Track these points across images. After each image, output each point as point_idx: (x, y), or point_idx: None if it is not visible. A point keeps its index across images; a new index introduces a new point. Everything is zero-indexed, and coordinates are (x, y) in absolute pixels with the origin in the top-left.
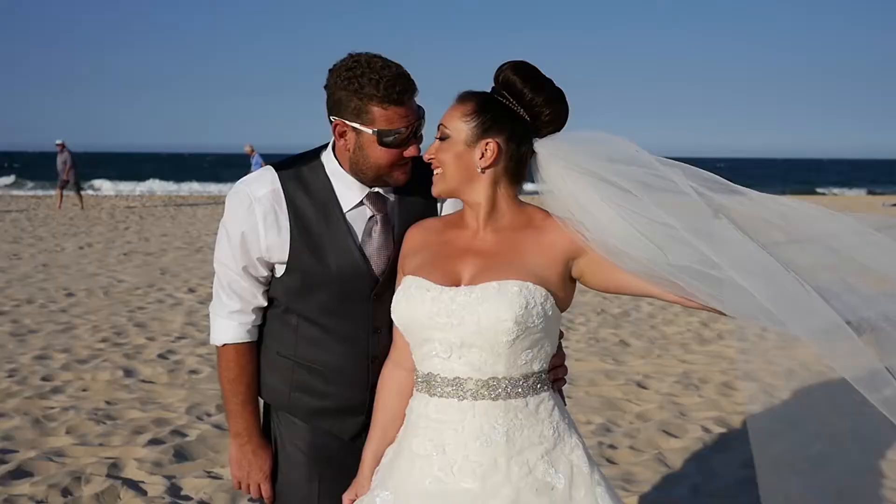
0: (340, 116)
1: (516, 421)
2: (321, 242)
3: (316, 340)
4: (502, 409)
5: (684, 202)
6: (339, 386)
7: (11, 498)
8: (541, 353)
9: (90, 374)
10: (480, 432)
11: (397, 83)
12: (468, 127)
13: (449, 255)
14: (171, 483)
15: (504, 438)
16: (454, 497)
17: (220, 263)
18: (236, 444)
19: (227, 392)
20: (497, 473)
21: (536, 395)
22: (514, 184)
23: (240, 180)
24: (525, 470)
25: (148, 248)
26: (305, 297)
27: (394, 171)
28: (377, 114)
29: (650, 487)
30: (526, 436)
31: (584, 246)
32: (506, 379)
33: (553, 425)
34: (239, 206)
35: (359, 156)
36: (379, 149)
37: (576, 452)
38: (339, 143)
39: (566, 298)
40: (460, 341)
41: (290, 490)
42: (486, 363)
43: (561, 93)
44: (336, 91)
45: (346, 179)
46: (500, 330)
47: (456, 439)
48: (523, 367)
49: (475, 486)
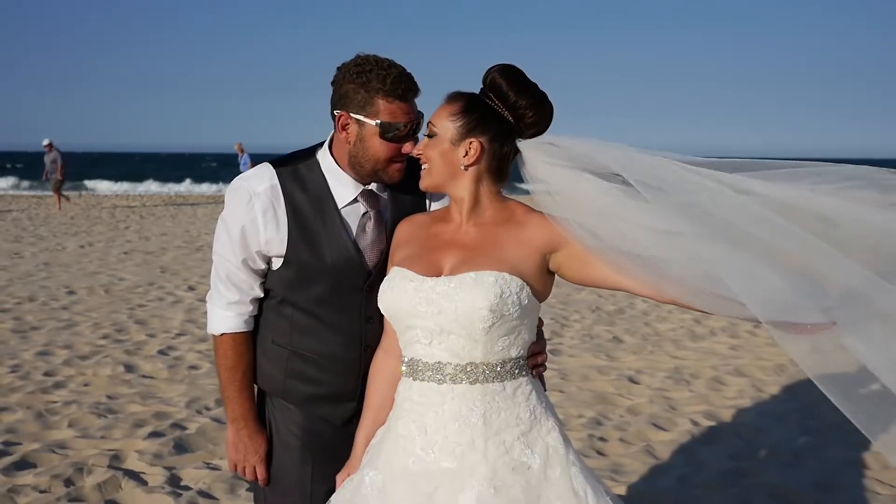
0: (345, 108)
1: (493, 404)
2: (317, 236)
3: (310, 330)
4: (480, 392)
5: (668, 198)
6: (332, 373)
7: (16, 488)
8: (518, 340)
9: (91, 369)
10: (459, 414)
11: (403, 81)
12: (454, 126)
13: (433, 248)
14: (171, 474)
15: (481, 420)
16: (435, 475)
17: (220, 256)
18: (233, 429)
19: (225, 379)
20: (474, 453)
21: (514, 379)
22: (497, 181)
23: (238, 177)
24: (502, 450)
25: (148, 247)
26: (302, 288)
27: (390, 166)
28: (381, 106)
29: (638, 478)
30: (503, 418)
31: (562, 241)
32: (483, 364)
33: (530, 409)
34: (239, 201)
35: (359, 148)
36: (379, 142)
37: (552, 434)
38: (341, 136)
39: (544, 290)
40: (440, 328)
41: (284, 472)
42: (464, 349)
43: (544, 96)
44: (344, 84)
45: (341, 177)
46: (475, 318)
47: (436, 421)
48: (500, 353)
49: (454, 465)
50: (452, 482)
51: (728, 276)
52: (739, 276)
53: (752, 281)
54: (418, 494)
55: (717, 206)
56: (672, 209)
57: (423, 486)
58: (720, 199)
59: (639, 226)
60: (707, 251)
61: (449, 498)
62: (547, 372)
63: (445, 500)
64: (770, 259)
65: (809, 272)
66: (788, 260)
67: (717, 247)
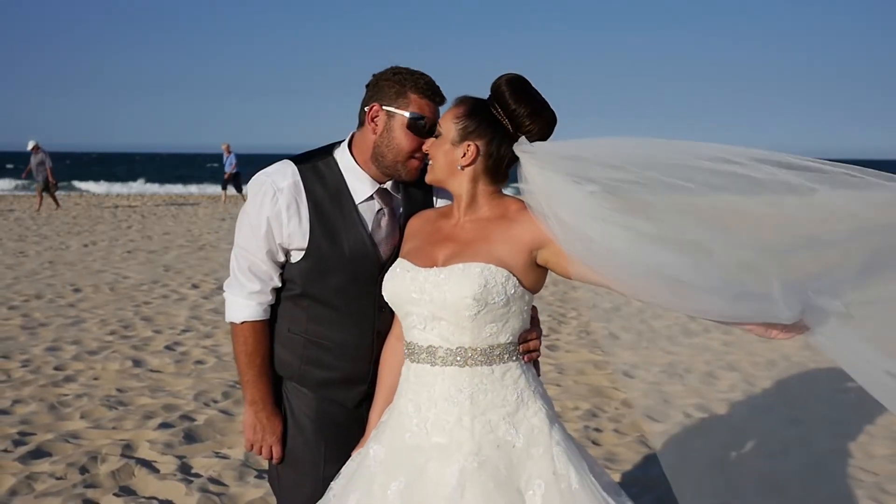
0: (379, 101)
1: (481, 385)
2: (336, 229)
3: (326, 319)
4: (468, 374)
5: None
6: (345, 359)
7: (33, 475)
8: (506, 327)
9: (100, 364)
10: (448, 394)
11: (433, 86)
12: (455, 128)
13: (434, 241)
14: (181, 462)
15: (469, 400)
16: (427, 449)
17: (241, 248)
18: (251, 411)
19: (244, 365)
20: (462, 430)
21: (503, 364)
22: (494, 182)
23: (260, 172)
24: (487, 428)
25: (151, 246)
26: (321, 278)
27: (409, 161)
28: (413, 99)
29: (632, 466)
30: (489, 399)
31: (547, 239)
32: (471, 349)
33: (517, 392)
34: (264, 196)
35: (385, 139)
36: (405, 133)
37: (538, 416)
38: (368, 129)
39: (534, 282)
40: (432, 315)
41: (297, 452)
42: (453, 334)
43: (544, 106)
44: (380, 82)
45: (359, 174)
46: (461, 306)
47: (429, 399)
48: (488, 339)
49: (444, 440)
50: (442, 456)
51: (686, 274)
52: (695, 273)
53: (707, 276)
54: (412, 466)
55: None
56: (639, 209)
57: (416, 458)
58: (675, 202)
59: (608, 222)
60: (666, 252)
61: (438, 470)
62: (544, 366)
63: (435, 471)
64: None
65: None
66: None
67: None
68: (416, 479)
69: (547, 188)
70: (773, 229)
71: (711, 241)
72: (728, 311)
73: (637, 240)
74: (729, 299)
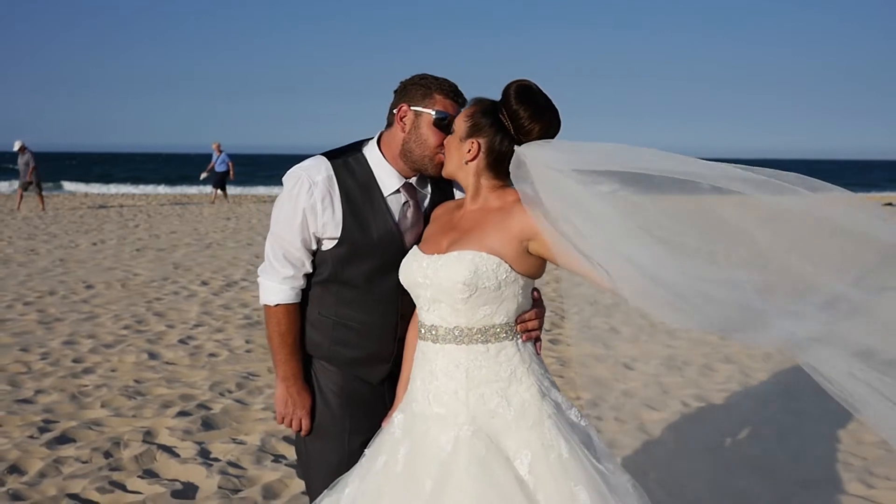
0: (407, 102)
1: (476, 362)
2: (366, 218)
3: (354, 302)
4: (465, 352)
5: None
6: (371, 339)
7: (60, 459)
8: (500, 309)
9: (117, 356)
10: (447, 369)
11: (456, 89)
12: (464, 126)
13: (444, 230)
14: (201, 447)
15: (464, 375)
16: (429, 418)
17: (277, 236)
18: (283, 387)
19: (277, 344)
20: (458, 402)
21: (499, 342)
22: (496, 177)
23: (295, 166)
24: (481, 401)
25: (159, 245)
26: (352, 264)
27: (436, 156)
28: (438, 99)
29: (631, 451)
30: (484, 374)
31: (536, 231)
32: (467, 328)
33: (511, 368)
34: (301, 189)
35: (413, 136)
36: (432, 130)
37: (530, 391)
38: (396, 128)
39: (530, 268)
40: (433, 297)
41: (325, 424)
42: (449, 315)
43: (546, 110)
44: (408, 87)
45: (387, 169)
46: (454, 290)
47: (431, 374)
48: (483, 320)
49: (443, 410)
50: (440, 424)
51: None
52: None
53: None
54: (417, 433)
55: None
56: (623, 207)
57: (420, 426)
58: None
59: (591, 218)
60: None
61: (437, 437)
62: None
63: (434, 437)
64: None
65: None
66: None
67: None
68: (419, 444)
69: (539, 179)
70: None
71: (698, 240)
72: (695, 319)
73: (610, 223)
74: (697, 304)
